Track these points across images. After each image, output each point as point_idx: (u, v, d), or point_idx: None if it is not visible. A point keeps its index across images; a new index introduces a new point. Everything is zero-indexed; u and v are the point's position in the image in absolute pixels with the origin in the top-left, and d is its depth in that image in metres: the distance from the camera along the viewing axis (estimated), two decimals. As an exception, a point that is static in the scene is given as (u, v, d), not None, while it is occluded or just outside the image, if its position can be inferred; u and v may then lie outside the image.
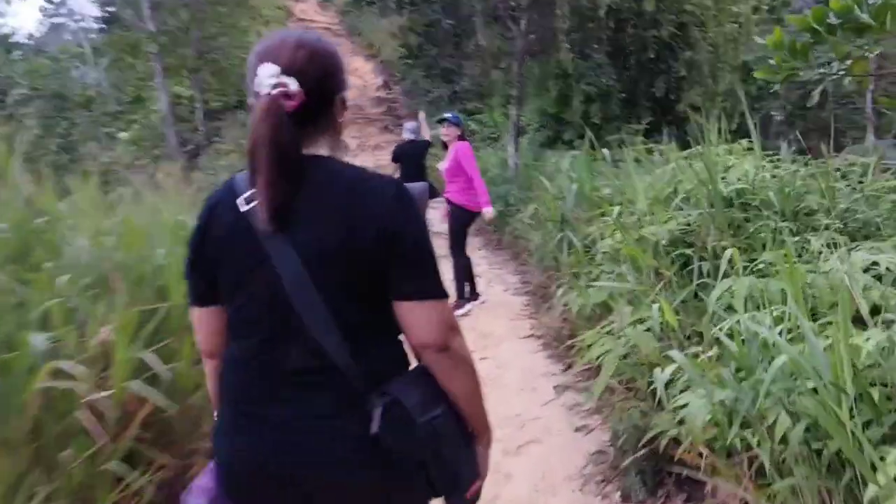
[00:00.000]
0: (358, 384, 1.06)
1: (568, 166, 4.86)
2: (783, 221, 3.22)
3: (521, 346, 4.65)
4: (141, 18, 12.52)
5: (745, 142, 4.09)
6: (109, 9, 18.67)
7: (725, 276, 2.77)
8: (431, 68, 8.50)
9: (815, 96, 3.83)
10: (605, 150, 4.96)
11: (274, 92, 1.02)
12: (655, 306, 2.75)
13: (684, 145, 5.82)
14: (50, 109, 12.41)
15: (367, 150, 16.53)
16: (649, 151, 5.62)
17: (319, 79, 1.09)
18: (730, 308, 2.61)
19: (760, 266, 2.80)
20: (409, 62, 8.49)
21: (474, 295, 5.53)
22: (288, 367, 1.08)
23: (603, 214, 4.19)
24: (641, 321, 2.94)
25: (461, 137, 4.99)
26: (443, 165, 5.00)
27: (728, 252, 2.80)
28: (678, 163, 4.02)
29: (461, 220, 5.06)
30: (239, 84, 15.12)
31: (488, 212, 5.00)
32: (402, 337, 1.15)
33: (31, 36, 24.91)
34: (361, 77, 21.54)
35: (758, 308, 2.58)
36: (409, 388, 1.09)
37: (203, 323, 1.19)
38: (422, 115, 7.48)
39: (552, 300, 4.99)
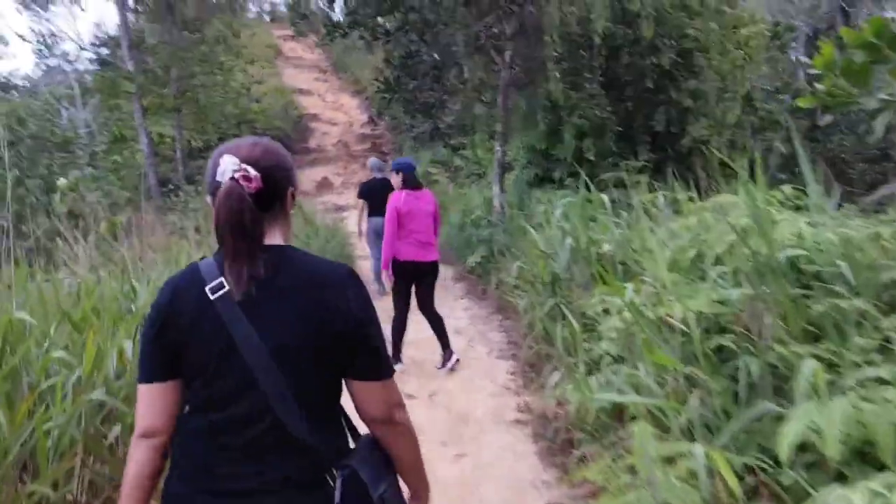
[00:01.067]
0: (317, 458, 1.14)
1: (560, 216, 3.89)
2: (857, 298, 2.26)
3: (506, 437, 3.61)
4: (122, 59, 11.77)
5: (788, 188, 3.12)
6: (102, 51, 18.06)
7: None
8: (411, 103, 7.62)
9: (879, 128, 2.91)
10: (603, 196, 4.00)
11: (237, 175, 1.11)
12: (699, 450, 1.75)
13: (689, 185, 4.92)
14: (29, 151, 11.52)
15: (350, 186, 15.70)
16: (650, 191, 4.69)
17: (273, 169, 1.17)
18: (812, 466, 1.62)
19: (851, 380, 1.83)
20: (386, 96, 7.58)
21: (447, 352, 4.64)
22: (252, 442, 1.13)
23: (604, 281, 3.21)
24: (673, 459, 1.95)
25: (407, 184, 4.47)
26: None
27: (809, 365, 1.80)
28: (701, 215, 3.07)
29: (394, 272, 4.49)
30: (219, 123, 14.35)
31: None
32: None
33: (27, 77, 24.21)
34: (347, 113, 20.94)
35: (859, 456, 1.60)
36: (363, 462, 1.18)
37: (153, 398, 1.18)
38: (371, 160, 7.17)
39: (543, 378, 3.99)
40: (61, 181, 5.47)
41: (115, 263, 4.00)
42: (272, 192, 1.16)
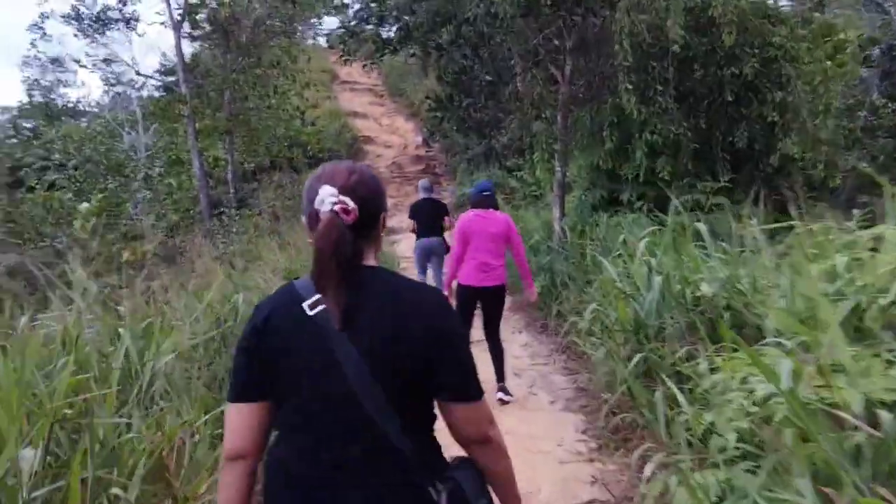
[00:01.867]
0: (416, 469, 1.14)
1: (644, 248, 3.14)
2: None
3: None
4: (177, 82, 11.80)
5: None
6: (168, 78, 18.58)
7: None
8: (464, 121, 7.03)
9: None
10: (699, 225, 3.22)
11: (336, 208, 1.13)
12: None
13: (778, 209, 4.08)
14: (87, 174, 11.68)
15: (402, 209, 15.26)
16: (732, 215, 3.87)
17: (368, 197, 1.19)
18: None
19: None
20: (438, 115, 7.02)
21: (500, 385, 4.30)
22: (351, 457, 1.13)
23: (711, 338, 2.45)
24: None
25: (475, 205, 4.37)
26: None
27: None
28: (844, 251, 2.28)
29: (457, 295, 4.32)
30: (271, 146, 14.22)
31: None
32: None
33: (97, 104, 25.23)
34: (401, 136, 20.67)
35: None
36: (465, 476, 1.19)
37: (242, 418, 1.19)
38: (421, 182, 7.17)
39: (627, 449, 3.22)
40: (83, 205, 5.11)
41: (113, 303, 3.53)
42: (367, 219, 1.19)
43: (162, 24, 11.42)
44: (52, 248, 11.92)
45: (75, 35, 10.75)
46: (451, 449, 1.26)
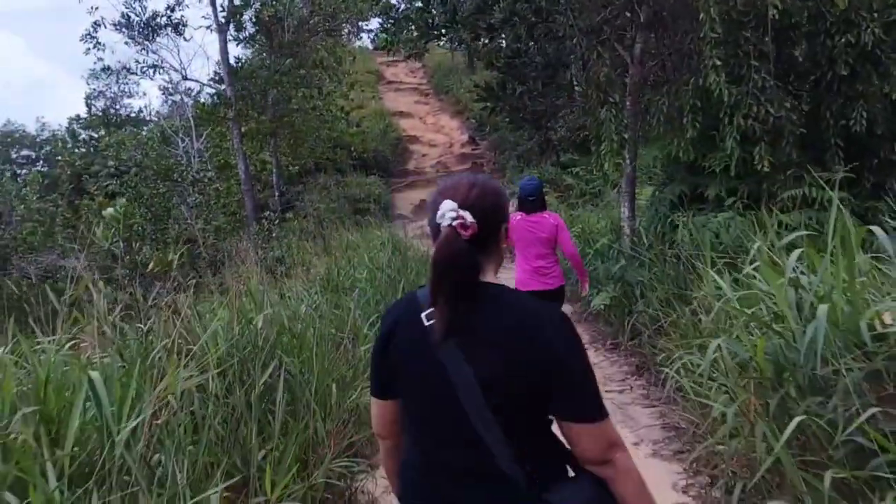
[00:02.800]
0: (519, 487, 1.10)
1: (795, 262, 2.19)
2: None
3: None
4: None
5: None
6: (221, 86, 18.49)
7: None
8: (517, 111, 6.10)
9: None
10: (878, 231, 2.22)
11: (454, 223, 1.13)
12: None
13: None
14: (141, 181, 11.43)
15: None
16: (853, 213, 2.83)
17: (488, 211, 1.19)
18: None
19: None
20: (488, 105, 6.12)
21: None
22: (456, 467, 1.15)
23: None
24: None
25: (520, 207, 4.14)
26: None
27: None
28: None
29: None
30: (314, 147, 13.66)
31: None
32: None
33: (157, 113, 25.53)
34: (447, 134, 19.90)
35: None
36: (571, 496, 1.12)
37: (379, 412, 1.31)
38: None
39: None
40: (108, 210, 4.49)
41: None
42: (487, 233, 1.18)
43: (208, 27, 11.02)
44: (110, 254, 11.74)
45: (126, 43, 10.53)
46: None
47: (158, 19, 10.46)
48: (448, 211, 1.13)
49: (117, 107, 24.05)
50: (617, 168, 5.48)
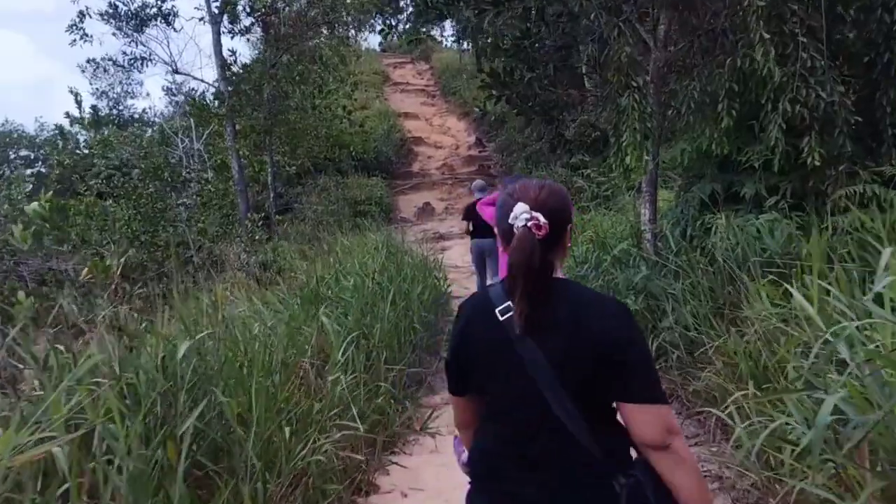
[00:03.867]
0: (600, 464, 1.19)
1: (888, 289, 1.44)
2: None
3: None
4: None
5: None
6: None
7: None
8: (527, 100, 5.39)
9: None
10: None
11: (529, 224, 1.21)
12: None
13: None
14: (121, 180, 10.78)
15: (454, 212, 13.71)
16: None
17: (558, 211, 1.26)
18: None
19: None
20: (493, 93, 5.41)
21: None
22: (538, 451, 1.22)
23: None
24: None
25: None
26: None
27: None
28: None
29: None
30: (311, 146, 12.94)
31: None
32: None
33: (161, 114, 25.06)
34: (453, 136, 19.16)
35: None
36: (646, 476, 1.19)
37: (458, 407, 1.41)
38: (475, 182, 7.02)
39: None
40: (31, 206, 3.77)
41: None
42: (557, 231, 1.25)
43: (200, 19, 10.39)
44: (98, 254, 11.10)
45: (114, 34, 9.90)
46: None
47: (148, 10, 9.83)
48: (522, 213, 1.21)
49: (120, 107, 23.58)
50: (638, 163, 4.73)
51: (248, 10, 9.98)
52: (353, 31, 23.44)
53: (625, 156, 4.78)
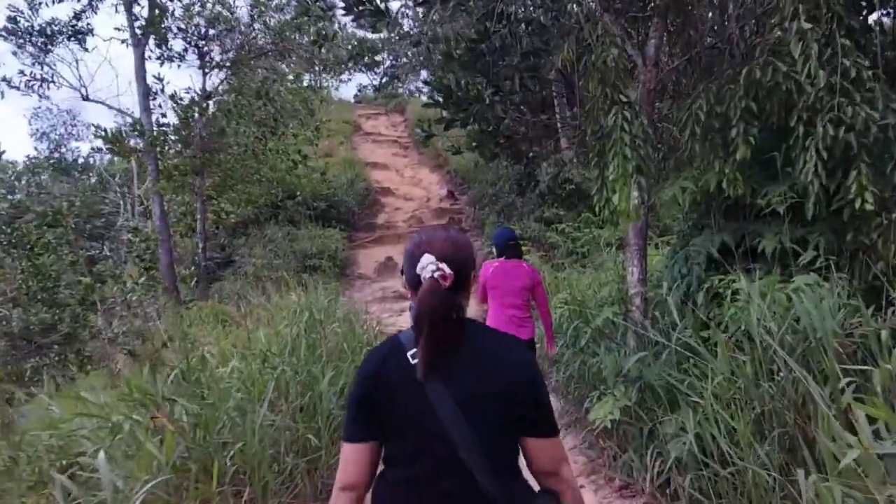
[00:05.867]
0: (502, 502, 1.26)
1: None
2: None
3: None
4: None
5: None
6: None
7: None
8: (487, 124, 4.17)
9: None
10: None
11: (436, 275, 1.30)
12: None
13: None
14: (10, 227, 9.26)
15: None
16: None
17: (462, 261, 1.36)
18: None
19: None
20: (445, 114, 4.21)
21: None
22: (444, 490, 1.28)
23: None
24: None
25: (503, 253, 4.20)
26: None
27: None
28: None
29: None
30: (253, 192, 11.66)
31: None
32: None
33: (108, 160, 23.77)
34: (425, 188, 18.15)
35: None
36: None
37: (357, 457, 1.35)
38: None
39: None
40: None
41: None
42: (462, 279, 1.36)
43: (123, 41, 9.29)
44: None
45: (14, 53, 8.70)
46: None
47: (55, 26, 8.68)
48: (429, 264, 1.30)
49: (62, 150, 22.30)
50: (627, 203, 3.53)
51: (174, 30, 8.91)
52: (326, 79, 22.90)
53: (611, 194, 3.58)
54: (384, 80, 29.85)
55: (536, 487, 1.39)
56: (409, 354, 1.31)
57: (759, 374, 2.66)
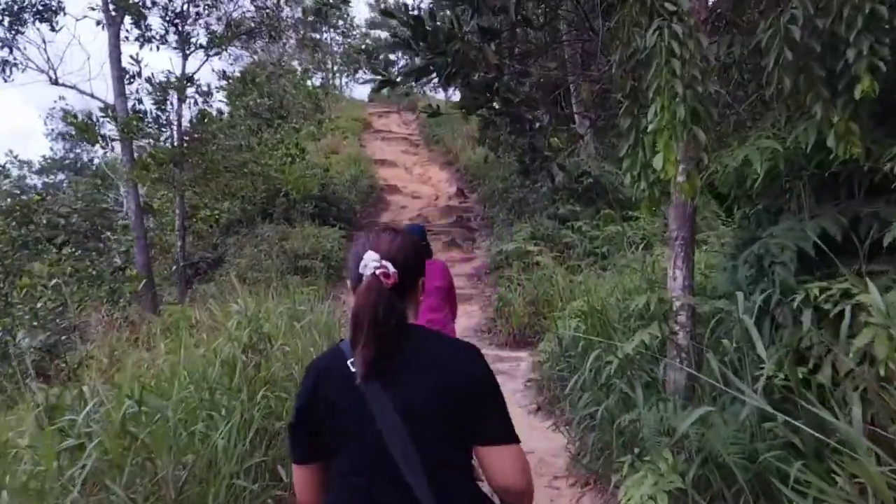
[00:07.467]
0: None
1: None
2: None
3: None
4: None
5: None
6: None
7: None
8: (473, 72, 2.93)
9: None
10: None
11: (378, 272, 1.18)
12: None
13: None
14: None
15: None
16: None
17: (408, 262, 1.24)
18: None
19: None
20: (413, 58, 2.94)
21: None
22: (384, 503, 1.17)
23: None
24: None
25: None
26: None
27: None
28: None
29: None
30: (235, 186, 10.51)
31: None
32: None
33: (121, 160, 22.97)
34: (434, 186, 16.90)
35: None
36: None
37: (305, 478, 1.26)
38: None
39: None
40: None
41: None
42: (408, 282, 1.24)
43: (98, 23, 8.20)
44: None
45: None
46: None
47: (21, 3, 7.62)
48: (371, 261, 1.18)
49: (77, 150, 21.56)
50: (674, 166, 2.20)
51: (149, 4, 7.76)
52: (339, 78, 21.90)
53: (650, 153, 2.24)
54: (398, 78, 28.63)
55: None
56: (349, 362, 1.18)
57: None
